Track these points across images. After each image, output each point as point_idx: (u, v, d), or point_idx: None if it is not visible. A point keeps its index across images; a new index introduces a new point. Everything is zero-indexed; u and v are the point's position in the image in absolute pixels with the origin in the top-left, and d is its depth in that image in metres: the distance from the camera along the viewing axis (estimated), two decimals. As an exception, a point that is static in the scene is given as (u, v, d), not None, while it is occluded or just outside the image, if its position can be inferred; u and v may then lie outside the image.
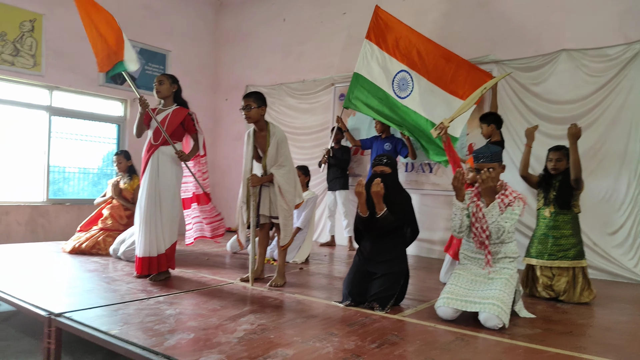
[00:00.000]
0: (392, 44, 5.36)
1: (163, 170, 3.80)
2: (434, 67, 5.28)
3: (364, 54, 5.37)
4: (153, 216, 3.76)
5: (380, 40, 5.36)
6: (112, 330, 2.50)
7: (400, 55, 5.34)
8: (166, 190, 3.80)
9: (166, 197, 3.80)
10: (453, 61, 5.29)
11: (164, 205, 3.79)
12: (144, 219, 3.76)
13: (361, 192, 3.23)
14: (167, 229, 3.82)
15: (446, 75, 5.27)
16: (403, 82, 5.34)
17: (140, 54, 7.31)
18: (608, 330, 2.99)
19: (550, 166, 3.85)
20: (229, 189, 8.13)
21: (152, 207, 3.76)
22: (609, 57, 4.94)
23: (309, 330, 2.64)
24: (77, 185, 6.92)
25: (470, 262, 3.18)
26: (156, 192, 3.77)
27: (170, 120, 3.85)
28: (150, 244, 3.76)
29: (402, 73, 5.35)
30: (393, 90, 5.33)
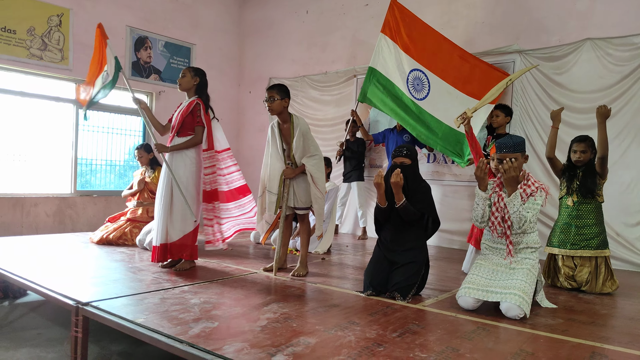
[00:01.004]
0: (407, 40, 5.25)
1: (175, 163, 3.89)
2: (452, 67, 5.20)
3: (379, 48, 5.29)
4: (166, 207, 3.86)
5: (396, 35, 5.26)
6: (138, 319, 2.55)
7: (415, 53, 5.24)
8: (178, 182, 3.85)
9: (177, 189, 3.85)
10: (470, 61, 5.23)
11: (175, 197, 3.87)
12: (159, 209, 3.90)
13: (380, 183, 3.25)
14: (178, 219, 3.87)
15: (462, 75, 5.20)
16: (418, 82, 5.25)
17: (165, 47, 7.42)
18: (632, 320, 2.97)
19: (575, 158, 3.81)
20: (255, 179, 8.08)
21: (165, 199, 3.86)
22: (634, 46, 4.84)
23: (331, 319, 2.69)
24: (104, 177, 7.09)
25: (491, 252, 3.18)
26: (169, 184, 3.87)
27: (182, 112, 3.92)
28: (163, 233, 3.87)
29: (415, 72, 5.25)
30: (408, 89, 5.24)
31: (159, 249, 3.89)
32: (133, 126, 7.31)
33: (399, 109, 5.23)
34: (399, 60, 5.28)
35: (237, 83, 8.65)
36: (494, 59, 5.67)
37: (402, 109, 5.23)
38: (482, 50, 5.75)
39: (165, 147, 3.91)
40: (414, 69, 5.27)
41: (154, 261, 3.95)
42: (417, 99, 5.24)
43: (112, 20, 6.75)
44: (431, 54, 5.24)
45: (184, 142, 3.89)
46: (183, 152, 3.89)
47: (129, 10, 6.97)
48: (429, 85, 5.25)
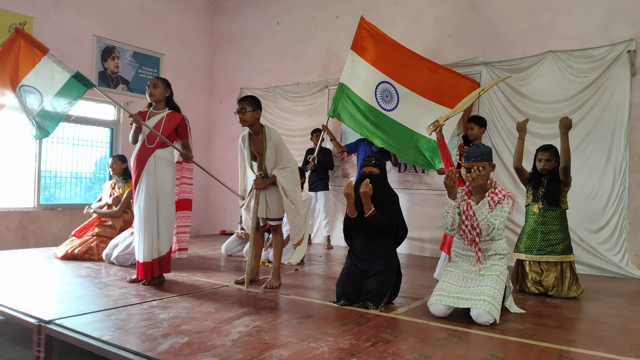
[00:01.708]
0: (375, 55, 5.39)
1: (161, 173, 3.81)
2: (420, 78, 5.34)
3: (349, 64, 5.43)
4: (153, 220, 3.77)
5: (365, 51, 5.41)
6: (105, 336, 2.48)
7: (383, 67, 5.37)
8: (164, 193, 3.81)
9: (164, 201, 3.81)
10: (439, 72, 5.37)
11: (162, 209, 3.81)
12: (144, 223, 3.76)
13: (350, 193, 3.28)
14: (165, 232, 3.83)
15: (432, 85, 5.33)
16: (387, 93, 5.38)
17: (133, 57, 7.31)
18: (597, 323, 3.05)
19: (540, 166, 3.92)
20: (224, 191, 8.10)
21: (152, 211, 3.77)
22: (593, 58, 5.04)
23: (304, 330, 2.67)
24: (69, 190, 6.90)
25: (461, 259, 3.24)
26: (154, 195, 3.78)
27: (165, 125, 3.87)
28: (151, 248, 3.77)
29: (384, 84, 5.38)
30: (377, 101, 5.36)
31: (146, 266, 3.76)
32: (100, 137, 7.15)
33: (368, 124, 5.34)
34: (368, 75, 5.40)
35: (208, 93, 8.58)
36: (461, 71, 5.78)
37: (370, 123, 5.34)
38: (449, 62, 5.87)
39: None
40: (382, 81, 5.39)
41: (143, 278, 3.80)
42: (386, 110, 5.36)
43: (78, 30, 6.62)
44: (399, 67, 5.37)
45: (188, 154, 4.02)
46: (169, 162, 3.88)
47: (95, 20, 6.85)
48: (398, 96, 5.37)
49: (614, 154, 4.91)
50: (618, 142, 4.88)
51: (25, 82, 3.81)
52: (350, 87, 5.39)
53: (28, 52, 3.78)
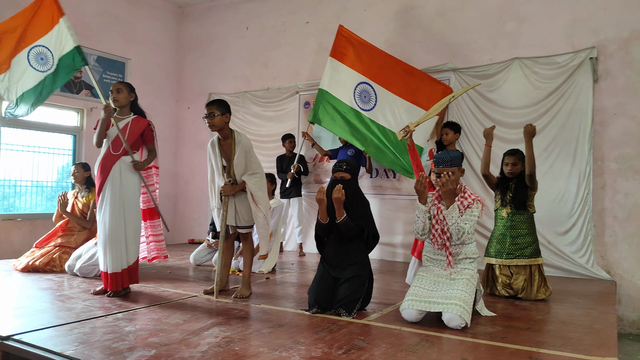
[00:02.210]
0: (354, 59, 5.48)
1: (126, 181, 3.70)
2: (397, 79, 5.44)
3: (328, 70, 5.48)
4: (120, 229, 3.64)
5: (344, 57, 5.49)
6: (66, 351, 2.38)
7: (362, 69, 5.46)
8: (130, 202, 3.70)
9: (130, 209, 3.70)
10: (415, 75, 5.49)
11: (129, 218, 3.69)
12: (110, 233, 3.62)
13: (322, 199, 3.25)
14: (132, 242, 3.72)
15: (408, 87, 5.44)
16: (365, 94, 5.44)
17: (97, 62, 7.12)
18: (565, 324, 3.10)
19: (507, 170, 3.98)
20: (193, 198, 8.01)
21: (119, 220, 3.64)
22: (557, 65, 5.17)
23: (276, 340, 2.62)
24: (30, 199, 6.65)
25: (432, 263, 3.24)
26: (120, 204, 3.66)
27: (131, 130, 3.75)
28: (119, 258, 3.64)
29: (363, 85, 5.45)
30: (356, 102, 5.42)
31: (112, 277, 3.62)
32: (62, 144, 6.92)
33: (348, 127, 5.39)
34: (347, 78, 5.47)
35: (175, 99, 8.43)
36: (430, 77, 5.88)
37: (350, 127, 5.38)
38: (419, 68, 5.91)
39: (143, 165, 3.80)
40: (361, 82, 5.46)
41: (111, 289, 3.65)
42: (364, 110, 5.43)
43: (39, 34, 6.40)
44: (377, 68, 5.46)
45: (147, 160, 3.89)
46: (134, 170, 3.77)
47: (58, 24, 6.64)
48: (376, 96, 5.44)
49: (578, 158, 5.03)
50: (582, 147, 5.01)
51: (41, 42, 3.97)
52: (330, 92, 5.44)
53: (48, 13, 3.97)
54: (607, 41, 4.99)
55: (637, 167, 4.80)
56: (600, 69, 5.00)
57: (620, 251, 4.84)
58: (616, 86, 4.94)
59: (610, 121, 4.95)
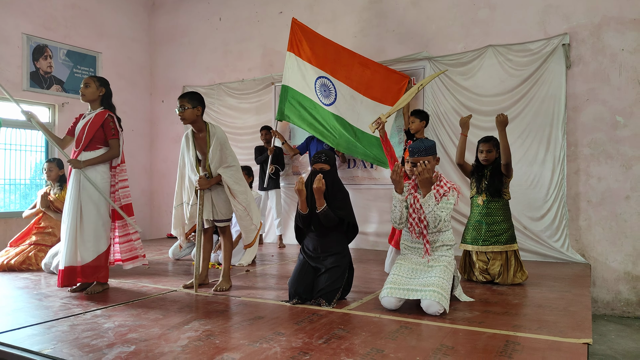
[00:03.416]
0: (310, 53, 5.53)
1: (83, 178, 3.63)
2: (353, 73, 5.51)
3: (288, 65, 5.50)
4: (74, 226, 3.58)
5: (300, 51, 5.53)
6: (45, 350, 2.36)
7: (319, 63, 5.51)
8: (88, 198, 3.62)
9: (88, 206, 3.62)
10: (370, 67, 5.55)
11: (86, 215, 3.61)
12: (66, 229, 3.59)
13: (301, 189, 3.25)
14: (90, 239, 3.62)
15: (364, 80, 5.51)
16: (324, 88, 5.50)
17: (67, 56, 6.95)
18: (541, 307, 3.17)
19: (482, 157, 4.03)
20: (169, 194, 7.91)
21: (74, 218, 3.58)
22: (530, 52, 5.24)
23: (256, 332, 2.62)
24: (4, 197, 6.49)
25: (410, 251, 3.28)
26: (77, 201, 3.60)
27: (91, 125, 3.67)
28: (70, 254, 3.57)
29: (322, 79, 5.51)
30: (317, 97, 5.48)
31: (66, 272, 3.56)
32: (34, 141, 6.76)
33: (316, 122, 5.44)
34: (307, 72, 5.51)
35: (149, 92, 8.29)
36: (405, 66, 5.90)
37: (318, 122, 5.42)
38: (394, 57, 5.95)
39: (79, 163, 3.61)
40: (320, 76, 5.52)
41: (61, 286, 3.61)
42: (326, 104, 5.47)
43: (5, 28, 6.21)
44: (333, 62, 5.52)
45: (100, 156, 3.68)
46: (95, 167, 3.66)
47: (24, 17, 6.45)
48: (335, 90, 5.50)
49: (552, 144, 5.12)
50: (556, 133, 5.10)
51: None
52: (293, 87, 5.47)
53: None
54: (579, 27, 5.06)
55: (609, 151, 4.91)
56: (572, 55, 5.08)
57: (594, 234, 4.96)
58: (588, 72, 5.03)
59: (583, 107, 5.04)
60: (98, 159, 3.67)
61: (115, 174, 3.78)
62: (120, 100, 3.91)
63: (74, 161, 3.61)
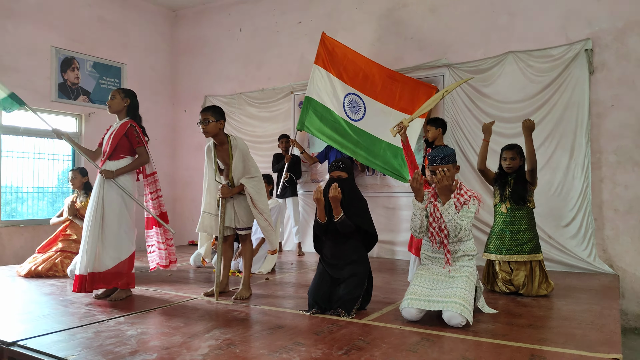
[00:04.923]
0: (339, 69, 5.55)
1: (108, 186, 3.70)
2: (382, 87, 5.52)
3: (314, 78, 5.52)
4: (95, 233, 3.64)
5: (329, 65, 5.55)
6: (70, 356, 2.41)
7: (348, 79, 5.53)
8: (111, 206, 3.68)
9: (110, 214, 3.68)
10: (399, 80, 5.57)
11: (107, 222, 3.68)
12: (87, 236, 3.65)
13: (320, 198, 3.25)
14: (112, 245, 3.68)
15: (394, 94, 5.51)
16: (354, 104, 5.51)
17: (94, 67, 7.12)
18: (567, 320, 3.10)
19: (505, 165, 3.97)
20: (192, 201, 8.01)
21: (95, 225, 3.65)
22: (552, 58, 5.16)
23: (276, 341, 2.62)
24: (33, 205, 6.66)
25: (431, 261, 3.24)
26: (100, 209, 3.67)
27: (115, 135, 3.75)
28: (89, 261, 3.62)
29: (351, 96, 5.53)
30: (345, 112, 5.49)
31: (84, 278, 3.59)
32: (61, 150, 6.93)
33: (337, 135, 5.44)
34: (334, 87, 5.53)
35: (172, 102, 8.43)
36: (424, 73, 5.88)
37: (339, 134, 5.44)
38: (413, 65, 5.94)
39: (111, 172, 3.69)
40: (349, 93, 5.53)
41: (77, 291, 3.65)
42: (353, 120, 5.50)
43: (35, 41, 6.41)
44: (362, 78, 5.54)
45: (130, 165, 3.77)
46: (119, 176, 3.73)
47: (53, 31, 6.64)
48: (364, 106, 5.51)
49: (576, 151, 5.03)
50: (580, 140, 5.00)
51: None
52: (317, 99, 5.49)
53: None
54: (601, 32, 4.97)
55: (636, 158, 4.79)
56: (595, 61, 4.99)
57: (622, 244, 4.83)
58: (612, 78, 4.92)
59: (607, 113, 4.94)
60: (128, 168, 3.76)
61: (148, 183, 3.88)
62: (143, 110, 3.99)
63: (106, 171, 3.69)
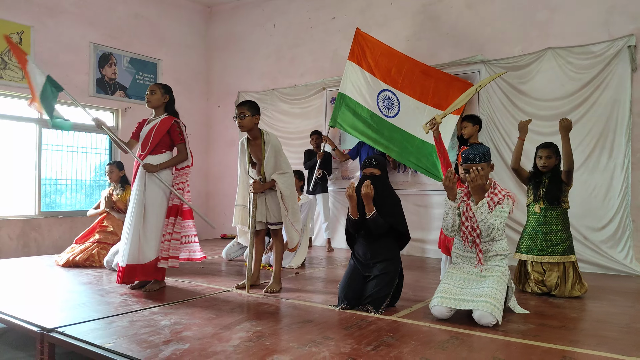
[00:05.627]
0: (373, 64, 5.49)
1: (150, 180, 3.80)
2: (416, 83, 5.44)
3: (347, 74, 5.48)
4: (137, 226, 3.74)
5: (362, 61, 5.50)
6: (106, 344, 2.49)
7: (382, 75, 5.48)
8: (152, 200, 3.79)
9: (152, 207, 3.78)
10: (433, 75, 5.47)
11: (149, 215, 3.78)
12: (129, 228, 3.76)
13: (352, 195, 3.26)
14: (153, 237, 3.78)
15: (428, 89, 5.43)
16: (388, 101, 5.46)
17: (130, 63, 7.31)
18: (601, 322, 3.03)
19: (540, 164, 3.89)
20: (225, 195, 8.13)
21: (137, 217, 3.75)
22: (593, 54, 5.01)
23: (306, 335, 2.65)
24: (71, 197, 6.90)
25: (462, 260, 3.21)
26: (142, 201, 3.77)
27: (157, 130, 3.84)
28: (132, 253, 3.73)
29: (385, 92, 5.48)
30: (379, 109, 5.44)
31: (127, 270, 3.73)
32: (98, 144, 7.15)
33: (370, 131, 5.39)
34: (368, 84, 5.47)
35: (206, 98, 8.57)
36: (460, 70, 5.79)
37: (372, 130, 5.38)
38: (448, 61, 5.86)
39: (155, 167, 3.79)
40: (383, 89, 5.48)
41: (120, 282, 3.79)
42: (388, 117, 5.44)
43: (74, 37, 6.62)
44: (396, 74, 5.47)
45: (171, 160, 3.87)
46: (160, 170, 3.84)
47: (92, 27, 6.85)
48: (399, 103, 5.44)
49: (615, 150, 4.88)
50: (620, 139, 4.86)
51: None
52: (350, 96, 5.45)
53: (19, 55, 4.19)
54: (646, 28, 4.80)
55: (678, 159, 4.62)
56: (638, 58, 4.82)
57: (661, 246, 4.67)
58: (656, 75, 4.76)
59: (650, 112, 4.77)
60: (170, 163, 3.85)
61: (178, 175, 3.94)
62: (178, 105, 4.08)
63: (149, 165, 3.78)
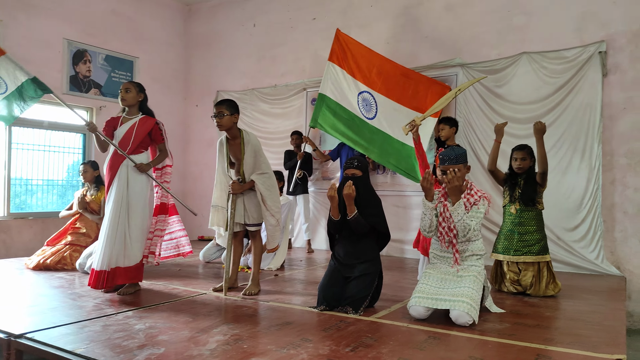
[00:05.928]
0: (353, 66, 5.50)
1: (133, 180, 3.73)
2: (395, 85, 5.45)
3: (328, 75, 5.47)
4: (120, 228, 3.66)
5: (342, 62, 5.49)
6: (78, 349, 2.42)
7: (362, 77, 5.48)
8: (136, 200, 3.73)
9: (136, 208, 3.72)
10: (412, 78, 5.50)
11: (133, 217, 3.71)
12: (108, 231, 3.65)
13: (333, 195, 3.26)
14: (138, 240, 3.74)
15: (407, 92, 5.45)
16: (366, 103, 5.47)
17: (106, 60, 7.17)
18: (574, 321, 3.10)
19: (515, 165, 3.96)
20: (202, 196, 8.03)
21: (119, 219, 3.66)
22: (566, 59, 5.13)
23: (284, 337, 2.64)
24: (42, 198, 6.72)
25: (439, 261, 3.24)
26: (124, 203, 3.69)
27: (138, 130, 3.77)
28: (116, 255, 3.65)
29: (364, 94, 5.48)
30: (360, 110, 5.44)
31: (103, 274, 3.62)
32: (72, 143, 6.99)
33: (350, 132, 5.38)
34: (348, 85, 5.48)
35: (183, 97, 8.46)
36: (438, 72, 5.85)
37: (353, 131, 5.38)
38: (426, 64, 5.92)
39: (149, 166, 3.78)
40: (362, 91, 5.48)
41: (96, 287, 3.68)
42: (367, 118, 5.44)
43: (48, 33, 6.45)
44: (376, 76, 5.47)
45: (156, 159, 3.90)
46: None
47: (66, 23, 6.68)
48: (376, 105, 5.45)
49: (587, 153, 5.00)
50: (591, 142, 4.98)
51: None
52: (331, 97, 5.44)
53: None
54: (616, 35, 4.93)
55: (647, 162, 4.76)
56: (609, 63, 4.95)
57: (631, 246, 4.80)
58: (626, 80, 4.89)
59: (620, 115, 4.90)
60: (156, 162, 3.89)
61: (162, 174, 3.96)
62: (155, 104, 4.03)
63: (143, 165, 3.74)
